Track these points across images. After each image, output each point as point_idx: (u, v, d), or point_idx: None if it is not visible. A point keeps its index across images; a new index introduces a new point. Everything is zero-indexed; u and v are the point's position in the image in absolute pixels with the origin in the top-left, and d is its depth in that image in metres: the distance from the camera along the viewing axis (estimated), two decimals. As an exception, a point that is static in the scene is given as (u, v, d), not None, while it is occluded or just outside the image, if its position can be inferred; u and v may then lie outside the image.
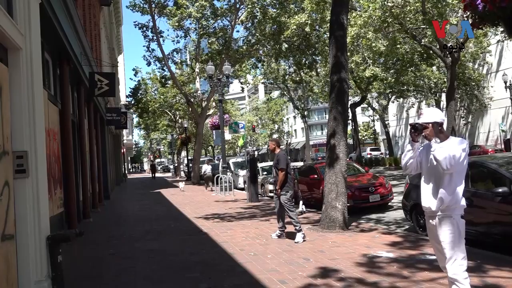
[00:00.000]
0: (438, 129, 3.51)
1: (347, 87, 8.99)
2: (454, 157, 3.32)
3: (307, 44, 21.53)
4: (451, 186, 3.45)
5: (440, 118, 3.53)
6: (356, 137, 35.26)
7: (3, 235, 3.84)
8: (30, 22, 4.67)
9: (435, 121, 3.50)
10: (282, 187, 7.61)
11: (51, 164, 7.73)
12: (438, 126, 3.51)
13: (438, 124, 3.51)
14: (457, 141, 3.45)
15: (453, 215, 3.45)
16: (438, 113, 3.58)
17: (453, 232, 3.42)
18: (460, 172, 3.46)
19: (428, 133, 3.50)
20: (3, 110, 4.09)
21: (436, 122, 3.50)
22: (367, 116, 56.27)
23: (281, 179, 7.56)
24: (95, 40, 16.22)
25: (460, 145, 3.39)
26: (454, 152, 3.34)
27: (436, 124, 3.50)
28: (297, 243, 7.22)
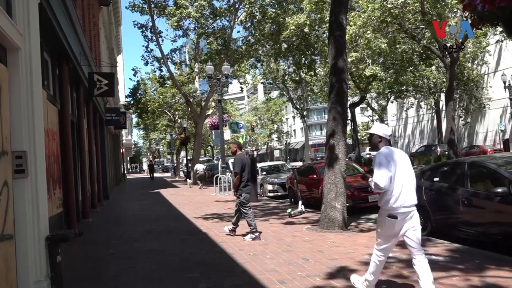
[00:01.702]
0: (378, 140, 4.32)
1: (346, 87, 8.99)
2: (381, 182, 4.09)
3: (306, 44, 21.52)
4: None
5: (381, 133, 4.32)
6: (355, 137, 35.28)
7: (2, 235, 3.83)
8: (29, 22, 4.66)
9: (376, 133, 4.32)
10: (237, 190, 7.95)
11: (50, 164, 7.72)
12: (377, 138, 4.32)
13: (377, 136, 4.32)
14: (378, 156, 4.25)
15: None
16: (382, 127, 4.39)
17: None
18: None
19: (372, 140, 4.40)
20: (2, 110, 4.08)
21: (375, 134, 4.33)
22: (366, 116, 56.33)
23: (235, 183, 7.95)
24: (94, 40, 16.22)
25: (376, 172, 4.16)
26: (377, 178, 4.12)
27: (377, 135, 4.32)
28: (244, 239, 7.78)
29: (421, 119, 43.03)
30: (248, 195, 8.02)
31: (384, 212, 4.19)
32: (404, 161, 4.26)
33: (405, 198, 4.12)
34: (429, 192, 7.51)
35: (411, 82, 30.49)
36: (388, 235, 4.25)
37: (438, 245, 6.50)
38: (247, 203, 7.96)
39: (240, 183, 7.93)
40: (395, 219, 4.10)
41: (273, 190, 16.11)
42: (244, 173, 7.98)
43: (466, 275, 4.90)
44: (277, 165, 20.60)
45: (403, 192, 4.12)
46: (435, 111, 37.33)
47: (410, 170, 4.27)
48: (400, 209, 4.10)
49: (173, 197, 18.07)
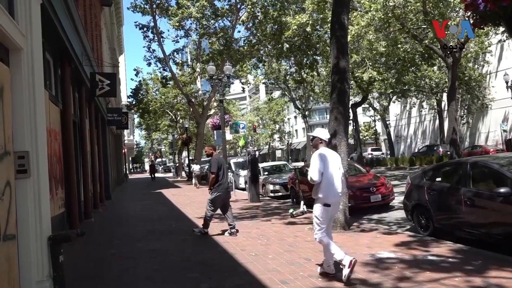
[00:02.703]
0: (319, 142, 5.27)
1: (348, 88, 8.98)
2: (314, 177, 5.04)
3: (308, 44, 21.52)
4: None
5: (323, 136, 5.31)
6: (357, 137, 35.25)
7: (5, 235, 3.84)
8: (32, 22, 4.67)
9: (318, 136, 5.29)
10: (212, 188, 8.37)
11: (53, 165, 7.73)
12: (318, 140, 5.28)
13: (318, 139, 5.28)
14: (313, 159, 5.16)
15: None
16: (323, 132, 5.40)
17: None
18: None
19: (313, 142, 5.37)
20: (5, 111, 4.09)
21: (317, 137, 5.29)
22: (368, 116, 56.26)
23: (211, 182, 8.35)
24: (96, 41, 16.24)
25: (311, 170, 5.08)
26: (311, 174, 5.07)
27: (318, 138, 5.29)
28: (194, 231, 8.59)
29: (423, 119, 42.98)
30: (221, 194, 8.42)
31: (320, 202, 5.11)
32: (336, 160, 5.25)
33: (335, 190, 5.12)
34: (431, 192, 7.50)
35: (413, 82, 30.45)
36: (325, 219, 5.15)
37: (440, 245, 6.48)
38: (215, 203, 8.41)
39: (216, 182, 8.33)
40: (329, 207, 5.10)
41: (275, 190, 16.10)
42: (220, 172, 8.37)
43: (468, 275, 4.89)
44: (279, 165, 20.60)
45: (333, 186, 5.10)
46: (437, 111, 37.29)
47: (339, 168, 5.26)
48: (331, 199, 5.10)
49: (175, 197, 18.08)
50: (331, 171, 5.10)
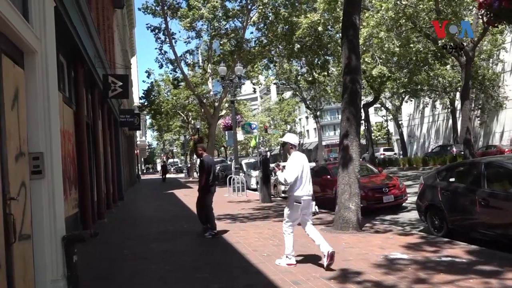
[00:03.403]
0: (289, 147, 5.93)
1: (360, 88, 8.93)
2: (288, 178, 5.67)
3: (319, 44, 21.44)
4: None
5: (293, 141, 5.98)
6: (369, 138, 35.02)
7: (20, 235, 3.89)
8: (45, 25, 4.73)
9: (289, 142, 5.93)
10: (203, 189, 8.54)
11: (66, 165, 7.82)
12: (289, 146, 5.92)
13: (290, 144, 5.93)
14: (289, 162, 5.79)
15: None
16: (293, 137, 6.10)
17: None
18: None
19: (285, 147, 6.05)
20: (20, 113, 4.15)
21: (288, 142, 5.94)
22: (380, 116, 55.88)
23: (202, 181, 8.49)
24: (108, 43, 16.39)
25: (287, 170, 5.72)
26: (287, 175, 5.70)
27: (289, 143, 5.93)
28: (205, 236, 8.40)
29: (436, 118, 42.54)
30: (212, 193, 8.66)
31: (292, 199, 5.77)
32: (306, 163, 5.91)
33: (306, 190, 5.81)
34: (444, 193, 7.42)
35: (425, 82, 30.15)
36: (295, 215, 5.86)
37: (454, 246, 6.41)
38: (209, 201, 8.61)
39: (206, 182, 8.49)
40: (300, 204, 5.75)
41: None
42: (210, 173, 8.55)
43: (484, 277, 4.82)
44: (291, 166, 20.50)
45: (305, 186, 5.79)
46: (450, 111, 36.88)
47: (309, 170, 5.95)
48: (303, 197, 5.77)
49: (186, 197, 18.14)
50: (304, 172, 5.81)
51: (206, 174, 8.43)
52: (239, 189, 17.38)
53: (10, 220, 3.63)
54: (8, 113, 3.80)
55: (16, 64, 4.16)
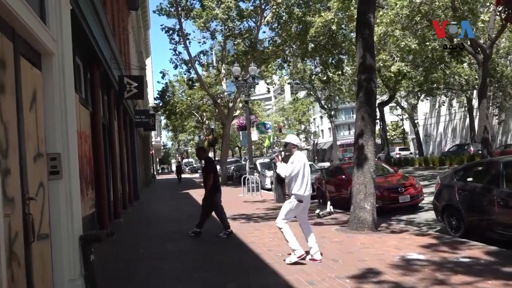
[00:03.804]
0: (291, 147, 6.17)
1: (375, 86, 8.85)
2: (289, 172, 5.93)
3: (334, 43, 21.32)
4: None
5: (295, 142, 6.23)
6: (385, 137, 34.72)
7: (39, 235, 3.95)
8: (62, 28, 4.80)
9: (291, 142, 6.20)
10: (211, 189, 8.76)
11: (83, 166, 7.92)
12: (291, 146, 6.18)
13: (292, 144, 6.18)
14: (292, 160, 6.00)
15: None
16: (294, 138, 6.36)
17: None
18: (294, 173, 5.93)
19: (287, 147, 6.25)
20: (38, 114, 4.21)
21: (290, 143, 6.19)
22: (395, 115, 55.32)
23: (211, 183, 8.69)
24: (123, 44, 16.55)
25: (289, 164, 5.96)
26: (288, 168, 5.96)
27: (290, 144, 6.19)
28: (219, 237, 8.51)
29: (453, 117, 41.96)
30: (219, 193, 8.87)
31: (296, 197, 5.93)
32: (307, 163, 6.12)
33: (308, 189, 5.99)
34: (462, 193, 7.31)
35: (442, 80, 29.75)
36: (293, 213, 6.05)
37: (472, 247, 6.31)
38: (217, 201, 8.78)
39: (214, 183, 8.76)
40: (301, 202, 5.95)
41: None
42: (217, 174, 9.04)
43: (503, 278, 4.73)
44: (305, 166, 20.44)
45: (307, 185, 5.97)
46: (467, 109, 36.35)
47: (309, 170, 6.17)
48: (304, 197, 5.94)
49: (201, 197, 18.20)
50: (305, 172, 6.00)
51: (214, 175, 8.68)
52: (254, 189, 17.39)
53: (29, 219, 3.70)
54: (26, 115, 3.86)
55: (33, 66, 4.23)
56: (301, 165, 5.95)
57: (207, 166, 8.94)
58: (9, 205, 3.31)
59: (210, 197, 8.75)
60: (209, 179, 8.67)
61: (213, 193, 8.73)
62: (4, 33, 3.44)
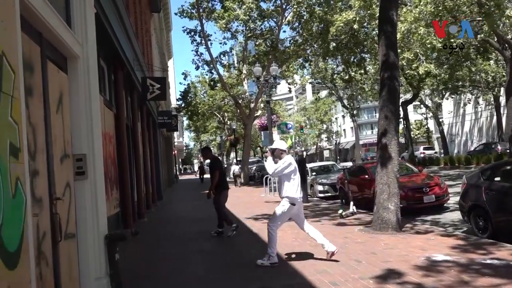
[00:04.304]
0: (279, 152, 6.19)
1: (398, 85, 8.73)
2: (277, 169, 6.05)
3: (356, 42, 21.09)
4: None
5: (283, 147, 6.26)
6: (408, 136, 34.15)
7: (66, 234, 4.05)
8: (87, 31, 4.90)
9: (278, 148, 6.23)
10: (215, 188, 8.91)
11: (108, 166, 8.06)
12: (279, 151, 6.19)
13: (279, 150, 6.20)
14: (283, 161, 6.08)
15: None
16: (282, 144, 6.41)
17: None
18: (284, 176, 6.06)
19: (275, 153, 6.21)
20: (64, 116, 4.31)
21: (278, 148, 6.22)
22: (419, 114, 54.37)
23: (215, 181, 8.83)
24: (146, 46, 16.77)
25: (281, 163, 6.06)
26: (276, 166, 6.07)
27: (278, 149, 6.21)
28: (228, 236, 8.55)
29: (479, 115, 40.98)
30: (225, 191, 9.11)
31: (287, 200, 6.02)
32: (296, 166, 6.22)
33: (299, 192, 6.10)
34: (489, 193, 7.14)
35: (467, 77, 29.08)
36: (286, 216, 6.15)
37: (500, 248, 6.15)
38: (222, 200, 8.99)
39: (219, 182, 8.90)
40: (294, 205, 6.03)
41: (324, 190, 15.93)
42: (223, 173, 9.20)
43: (532, 280, 4.60)
44: (327, 166, 20.35)
45: (298, 188, 6.08)
46: (494, 107, 35.43)
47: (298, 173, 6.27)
48: (298, 199, 6.05)
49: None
50: (298, 176, 6.14)
51: (220, 174, 8.89)
52: (276, 189, 17.35)
53: (56, 219, 3.79)
54: (53, 117, 3.96)
55: (60, 69, 4.33)
56: (292, 168, 6.05)
57: (213, 164, 9.14)
58: (37, 205, 3.40)
59: (215, 195, 8.92)
60: (215, 176, 8.81)
61: (218, 191, 8.90)
62: (31, 38, 3.54)
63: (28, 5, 3.23)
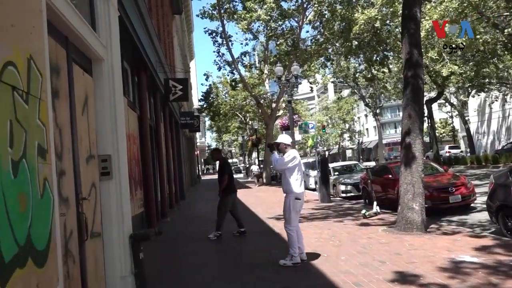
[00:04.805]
0: (284, 146, 6.24)
1: (422, 83, 8.58)
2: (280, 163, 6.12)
3: (378, 40, 20.82)
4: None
5: (287, 141, 6.31)
6: (433, 135, 33.50)
7: (92, 233, 4.13)
8: (111, 34, 4.99)
9: (282, 142, 6.28)
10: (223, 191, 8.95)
11: (132, 167, 8.19)
12: (284, 145, 6.25)
13: (284, 144, 6.26)
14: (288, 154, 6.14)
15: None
16: (286, 138, 6.48)
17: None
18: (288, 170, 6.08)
19: (280, 147, 6.28)
20: (89, 118, 4.40)
21: (282, 142, 6.28)
22: (444, 112, 53.28)
23: (224, 184, 8.89)
24: (168, 48, 16.96)
25: (286, 157, 6.11)
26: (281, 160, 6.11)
27: (283, 144, 6.26)
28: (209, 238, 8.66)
29: (507, 114, 39.86)
30: (233, 194, 9.16)
31: (292, 196, 6.07)
32: (301, 161, 6.32)
33: (303, 186, 6.18)
34: (518, 192, 6.94)
35: (494, 74, 28.34)
36: (295, 212, 6.15)
37: (531, 250, 5.97)
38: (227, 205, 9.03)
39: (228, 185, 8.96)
40: (299, 200, 6.12)
41: (346, 190, 15.79)
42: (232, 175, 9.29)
43: None
44: (350, 165, 20.17)
45: (302, 183, 6.14)
46: (523, 105, 34.44)
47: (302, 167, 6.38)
48: (301, 194, 6.13)
49: (246, 197, 18.34)
50: (301, 171, 6.22)
51: (229, 176, 8.95)
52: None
53: (83, 218, 3.87)
54: (79, 118, 4.04)
55: (85, 71, 4.42)
56: (296, 161, 6.10)
57: (222, 167, 9.19)
58: (64, 204, 3.48)
59: (223, 197, 8.99)
60: (224, 180, 8.87)
61: (226, 193, 8.95)
62: (58, 42, 3.62)
63: (55, 10, 3.30)
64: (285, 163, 6.06)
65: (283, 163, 6.08)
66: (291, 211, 6.09)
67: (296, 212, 6.16)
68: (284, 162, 6.07)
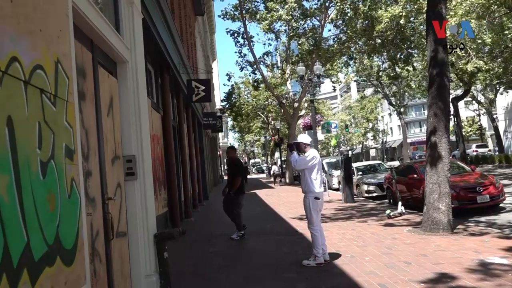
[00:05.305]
0: (303, 146, 6.31)
1: (448, 81, 8.40)
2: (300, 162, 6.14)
3: (402, 37, 20.50)
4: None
5: (307, 141, 6.38)
6: (460, 133, 32.76)
7: (117, 232, 4.20)
8: (135, 36, 5.06)
9: (302, 142, 6.34)
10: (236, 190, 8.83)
11: (156, 167, 8.29)
12: (303, 145, 6.31)
13: (304, 143, 6.32)
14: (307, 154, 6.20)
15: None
16: (306, 137, 6.51)
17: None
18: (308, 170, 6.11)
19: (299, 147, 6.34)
20: (114, 119, 4.48)
21: (302, 142, 6.33)
22: (471, 111, 52.06)
23: (236, 184, 8.77)
24: (191, 49, 17.10)
25: (305, 156, 6.17)
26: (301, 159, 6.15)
27: (303, 143, 6.32)
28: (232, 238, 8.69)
29: (537, 111, 38.65)
30: (244, 194, 9.17)
31: (312, 196, 6.11)
32: (320, 161, 6.35)
33: (322, 186, 6.23)
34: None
35: (524, 71, 27.50)
36: (316, 211, 6.15)
37: None
38: (241, 203, 9.00)
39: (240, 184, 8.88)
40: (319, 199, 6.14)
41: (370, 190, 15.61)
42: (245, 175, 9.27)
43: None
44: (374, 165, 19.91)
45: (321, 183, 6.22)
46: (554, 102, 33.30)
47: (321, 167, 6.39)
48: (320, 193, 6.16)
49: (268, 197, 18.35)
50: (321, 171, 6.25)
51: (242, 176, 8.89)
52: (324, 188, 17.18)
53: (109, 218, 3.94)
54: (104, 120, 4.12)
55: (110, 74, 4.50)
56: (316, 161, 6.13)
57: (235, 168, 9.06)
58: (91, 204, 3.55)
59: (234, 197, 8.86)
60: (238, 180, 8.78)
61: (237, 194, 8.89)
62: (83, 45, 3.70)
63: (80, 14, 3.37)
64: (305, 162, 6.10)
65: (303, 163, 6.12)
66: (312, 211, 6.13)
67: (316, 212, 6.18)
68: (304, 162, 6.11)
